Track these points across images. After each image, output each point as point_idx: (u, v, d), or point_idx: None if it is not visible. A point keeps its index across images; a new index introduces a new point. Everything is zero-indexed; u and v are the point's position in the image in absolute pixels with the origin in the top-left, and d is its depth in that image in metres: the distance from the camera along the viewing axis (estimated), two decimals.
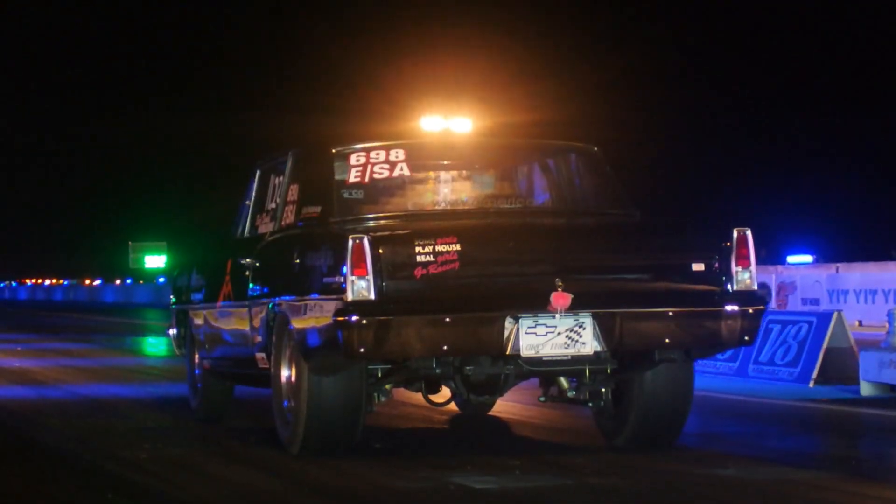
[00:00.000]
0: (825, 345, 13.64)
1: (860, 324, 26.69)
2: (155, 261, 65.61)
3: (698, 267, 8.66)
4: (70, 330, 30.90)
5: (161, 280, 65.52)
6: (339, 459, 8.75)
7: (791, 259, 51.55)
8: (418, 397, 9.87)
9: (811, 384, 13.50)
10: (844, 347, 13.69)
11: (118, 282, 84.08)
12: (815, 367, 13.60)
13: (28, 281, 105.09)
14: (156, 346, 24.29)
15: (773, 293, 29.64)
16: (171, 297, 11.88)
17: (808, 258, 51.97)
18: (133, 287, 72.26)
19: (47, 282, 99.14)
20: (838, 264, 30.69)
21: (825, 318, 13.89)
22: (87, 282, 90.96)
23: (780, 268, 32.73)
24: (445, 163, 9.67)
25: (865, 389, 12.65)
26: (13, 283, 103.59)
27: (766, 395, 12.96)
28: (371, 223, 8.97)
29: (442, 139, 11.20)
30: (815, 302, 28.70)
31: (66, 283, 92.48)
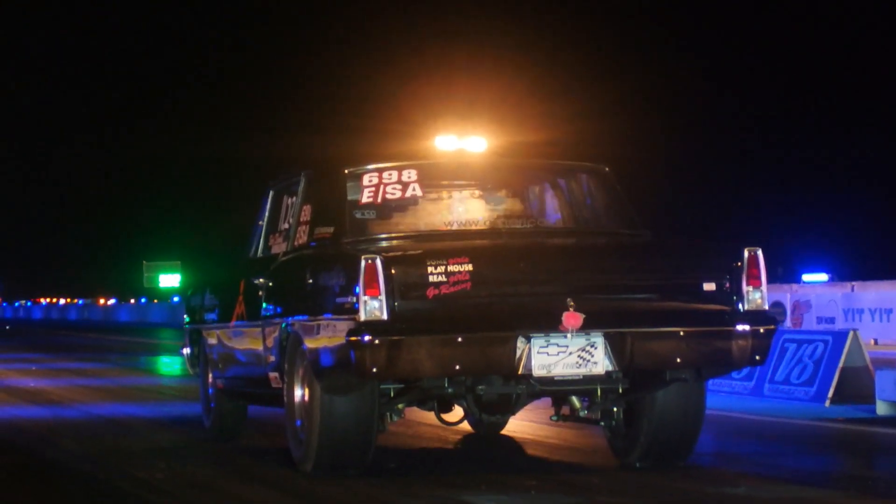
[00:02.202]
0: (841, 364, 13.62)
1: (876, 342, 26.66)
2: (169, 280, 65.71)
3: (709, 287, 8.68)
4: (85, 349, 30.97)
5: (175, 299, 65.59)
6: (353, 479, 8.77)
7: (806, 277, 51.50)
8: (432, 417, 9.89)
9: (827, 403, 13.48)
10: (860, 366, 13.67)
11: (132, 301, 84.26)
12: (830, 387, 13.58)
13: (43, 300, 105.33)
14: (170, 365, 24.34)
15: (789, 312, 29.60)
16: (185, 316, 11.92)
17: (823, 277, 51.93)
18: (147, 306, 72.38)
19: (62, 301, 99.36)
20: (854, 283, 30.67)
21: (841, 336, 13.87)
22: (102, 301, 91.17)
23: (795, 286, 32.71)
24: (457, 183, 9.71)
25: (881, 409, 12.62)
26: (28, 303, 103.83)
27: (782, 414, 12.95)
28: (383, 243, 9.01)
29: (453, 159, 11.22)
30: (831, 320, 28.66)
31: (80, 302, 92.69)
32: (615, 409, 9.15)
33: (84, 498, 8.52)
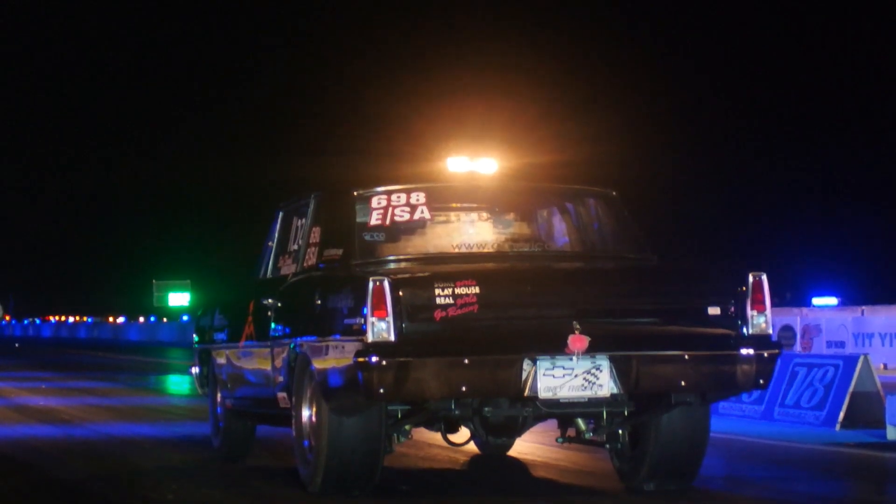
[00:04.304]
0: (851, 388, 13.63)
1: (885, 367, 26.64)
2: (179, 299, 65.74)
3: (714, 311, 8.73)
4: (94, 368, 31.01)
5: (185, 318, 65.64)
6: (360, 500, 8.81)
7: (816, 301, 51.45)
8: (440, 438, 9.93)
9: (837, 428, 13.49)
10: (871, 391, 13.68)
11: (142, 320, 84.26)
12: (841, 411, 13.59)
13: (52, 318, 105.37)
14: (179, 384, 24.38)
15: (798, 336, 29.58)
16: (195, 336, 11.98)
17: (833, 301, 51.86)
18: (157, 325, 72.38)
19: (71, 319, 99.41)
20: (864, 307, 30.65)
21: (851, 361, 13.88)
22: (111, 319, 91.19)
23: (805, 310, 32.70)
24: (465, 206, 9.77)
25: (892, 434, 12.62)
26: (37, 321, 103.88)
27: (792, 438, 12.96)
28: (392, 265, 9.07)
29: (462, 182, 11.27)
30: (841, 345, 28.63)
31: (90, 320, 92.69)
32: (620, 431, 9.20)
33: None
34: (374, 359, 8.23)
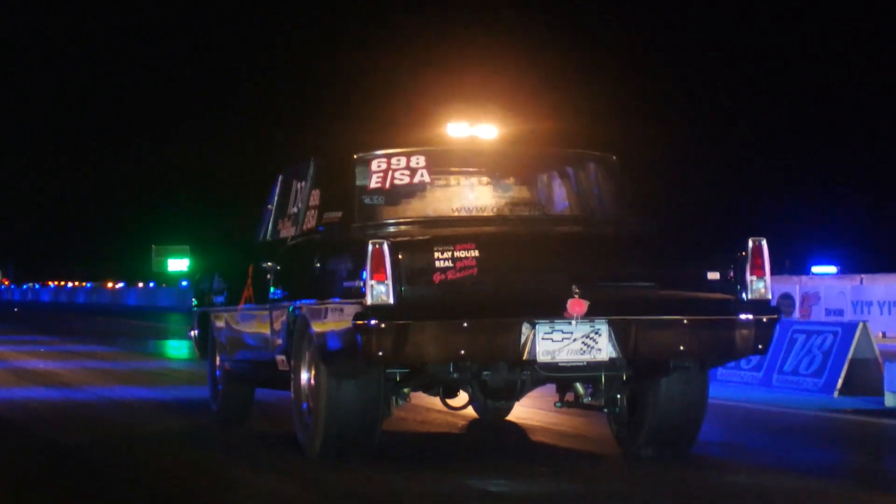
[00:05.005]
0: (850, 355, 13.64)
1: (884, 335, 26.65)
2: (178, 264, 65.71)
3: (713, 276, 8.72)
4: (93, 333, 31.03)
5: (184, 283, 65.65)
6: (359, 465, 8.82)
7: (815, 270, 51.43)
8: (439, 402, 9.94)
9: (835, 394, 13.51)
10: (869, 358, 13.70)
11: (141, 285, 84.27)
12: (839, 378, 13.61)
13: (51, 283, 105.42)
14: (178, 349, 24.40)
15: (797, 304, 29.60)
16: (194, 299, 11.97)
17: (832, 269, 51.85)
18: (156, 290, 72.39)
19: (70, 284, 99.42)
20: (862, 275, 30.64)
21: (850, 328, 13.89)
22: (110, 285, 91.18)
23: (804, 278, 32.68)
24: (465, 170, 9.74)
25: (890, 400, 12.65)
26: (36, 286, 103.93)
27: (791, 405, 12.98)
28: (391, 229, 9.05)
29: (462, 146, 11.25)
30: (839, 313, 28.66)
31: (88, 285, 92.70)
32: (619, 396, 9.20)
33: (94, 481, 8.56)
34: (373, 322, 8.22)
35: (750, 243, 8.75)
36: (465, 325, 8.31)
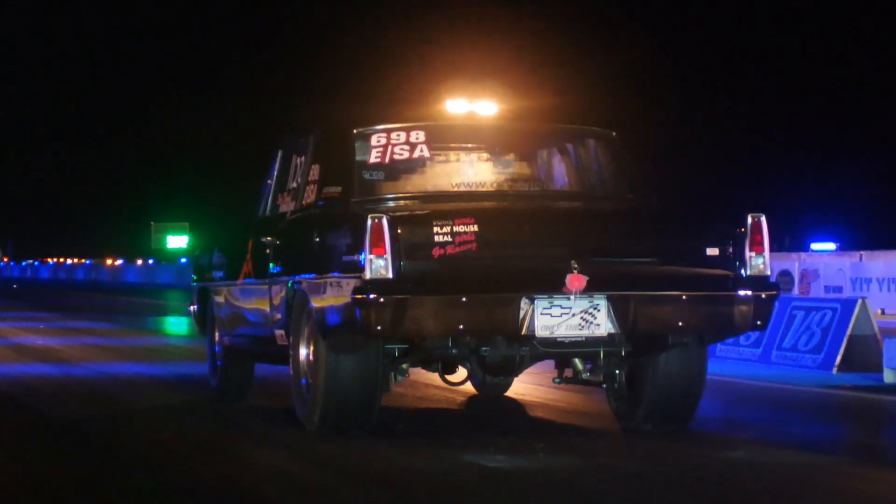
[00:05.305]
0: (849, 332, 13.66)
1: (883, 312, 26.65)
2: (177, 241, 65.73)
3: (712, 252, 8.73)
4: (92, 310, 31.05)
5: (183, 261, 65.66)
6: (358, 440, 8.83)
7: (814, 246, 51.44)
8: (437, 378, 9.95)
9: (834, 371, 13.52)
10: (868, 335, 13.71)
11: (140, 262, 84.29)
12: (838, 354, 13.62)
13: (50, 260, 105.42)
14: (177, 325, 24.42)
15: (796, 280, 29.60)
16: (193, 274, 11.97)
17: (831, 246, 51.86)
18: (155, 267, 72.37)
19: (69, 261, 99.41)
20: (862, 252, 30.63)
21: (849, 305, 13.90)
22: (109, 262, 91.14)
23: (803, 255, 32.68)
24: (465, 145, 9.73)
25: (889, 377, 12.66)
26: (35, 263, 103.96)
27: (789, 381, 13.00)
28: (390, 203, 9.05)
29: (462, 122, 11.25)
30: (838, 290, 28.66)
31: (87, 262, 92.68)
32: (617, 372, 9.21)
33: (95, 458, 8.57)
34: (371, 296, 8.22)
35: (749, 219, 8.75)
36: (464, 299, 8.31)
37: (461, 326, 8.37)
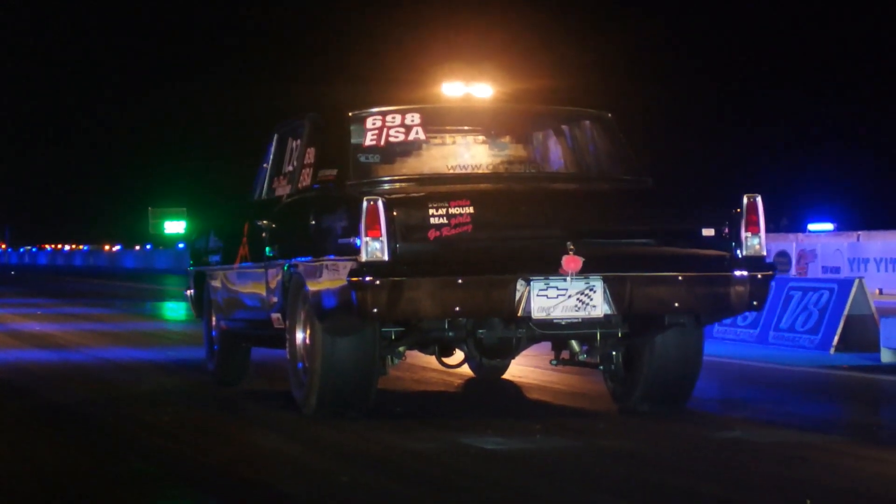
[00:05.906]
0: (846, 312, 13.66)
1: (880, 292, 26.67)
2: (174, 226, 65.76)
3: (708, 233, 8.73)
4: (90, 295, 31.06)
5: (181, 246, 65.69)
6: (355, 423, 8.84)
7: (812, 227, 51.48)
8: (434, 361, 9.95)
9: (832, 351, 13.53)
10: (865, 315, 13.71)
11: (137, 247, 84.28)
12: (835, 335, 13.62)
13: (48, 246, 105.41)
14: (175, 311, 24.43)
15: (794, 261, 29.60)
16: (190, 259, 11.97)
17: (829, 226, 51.89)
18: (153, 253, 72.40)
19: (67, 247, 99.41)
20: (859, 232, 30.65)
21: (846, 285, 13.90)
22: (107, 247, 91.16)
23: (800, 236, 32.72)
24: (461, 127, 9.73)
25: (886, 356, 12.68)
26: (33, 249, 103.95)
27: (787, 361, 13.01)
28: (386, 186, 9.05)
29: (457, 104, 11.25)
30: (836, 270, 28.67)
31: (85, 248, 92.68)
32: (614, 353, 9.22)
33: (93, 442, 8.58)
34: (367, 278, 8.22)
35: (745, 200, 8.76)
36: (460, 281, 8.32)
37: (457, 308, 8.37)
